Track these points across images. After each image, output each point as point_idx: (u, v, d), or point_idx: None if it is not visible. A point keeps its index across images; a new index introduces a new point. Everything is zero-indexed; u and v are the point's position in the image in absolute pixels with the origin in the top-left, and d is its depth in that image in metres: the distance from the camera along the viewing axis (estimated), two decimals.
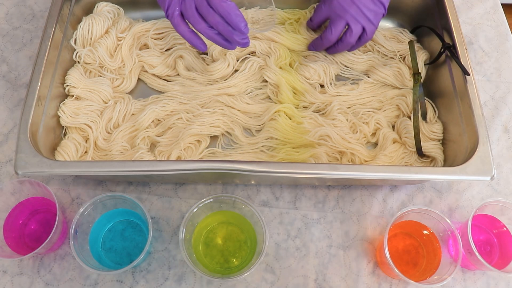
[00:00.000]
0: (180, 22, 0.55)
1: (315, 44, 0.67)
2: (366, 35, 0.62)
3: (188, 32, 0.56)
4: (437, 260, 0.54)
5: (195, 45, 0.57)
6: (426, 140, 0.62)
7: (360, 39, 0.63)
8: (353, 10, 0.60)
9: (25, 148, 0.52)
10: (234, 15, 0.51)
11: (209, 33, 0.54)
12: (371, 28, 0.62)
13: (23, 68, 0.69)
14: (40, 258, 0.57)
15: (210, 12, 0.52)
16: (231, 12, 0.51)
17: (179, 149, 0.60)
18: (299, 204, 0.61)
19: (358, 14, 0.60)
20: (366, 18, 0.61)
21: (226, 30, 0.52)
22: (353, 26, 0.61)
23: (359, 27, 0.61)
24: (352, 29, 0.61)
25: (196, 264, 0.51)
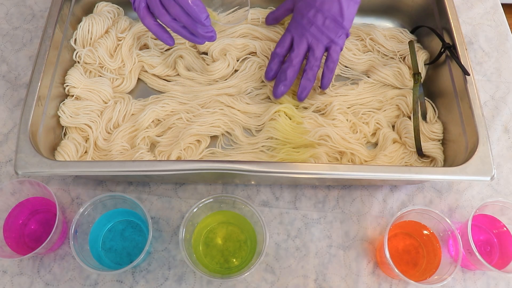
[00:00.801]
0: (146, 15, 0.55)
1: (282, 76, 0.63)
2: (330, 53, 0.61)
3: (154, 25, 0.55)
4: (437, 260, 0.54)
5: (161, 39, 0.56)
6: (426, 140, 0.62)
7: (327, 61, 0.62)
8: (312, 30, 0.60)
9: (25, 148, 0.52)
10: (194, 6, 0.50)
11: (173, 26, 0.53)
12: (335, 47, 0.61)
13: (23, 68, 0.69)
14: (40, 258, 0.57)
15: (171, 3, 0.51)
16: (190, 2, 0.50)
17: (179, 149, 0.60)
18: (299, 204, 0.61)
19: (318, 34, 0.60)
20: (327, 38, 0.60)
21: (188, 22, 0.52)
22: (315, 46, 0.60)
23: (321, 47, 0.61)
24: (313, 48, 0.61)
25: (196, 264, 0.51)
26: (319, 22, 0.60)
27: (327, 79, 0.63)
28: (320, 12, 0.59)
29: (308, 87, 0.62)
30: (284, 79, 0.62)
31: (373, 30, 0.69)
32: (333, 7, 0.59)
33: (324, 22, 0.60)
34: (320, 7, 0.59)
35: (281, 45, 0.63)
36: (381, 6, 0.71)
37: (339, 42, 0.61)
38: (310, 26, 0.60)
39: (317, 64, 0.61)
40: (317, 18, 0.60)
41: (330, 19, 0.59)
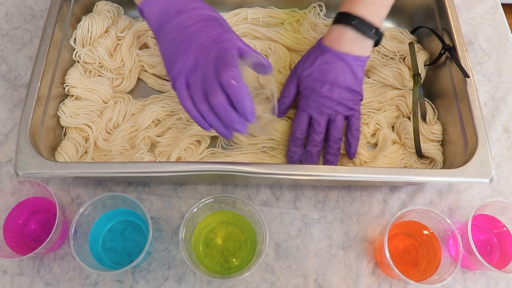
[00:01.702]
0: (187, 98, 0.49)
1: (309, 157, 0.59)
2: (351, 121, 0.59)
3: (195, 110, 0.49)
4: (437, 260, 0.54)
5: (200, 125, 0.50)
6: (426, 141, 0.62)
7: (351, 130, 0.60)
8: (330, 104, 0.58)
9: (25, 149, 0.52)
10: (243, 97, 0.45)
11: (210, 117, 0.48)
12: (355, 115, 0.59)
13: (23, 68, 0.69)
14: (40, 258, 0.57)
15: (217, 91, 0.46)
16: (241, 93, 0.45)
17: (179, 149, 0.60)
18: (299, 204, 0.61)
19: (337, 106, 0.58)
20: (346, 108, 0.58)
21: (228, 115, 0.46)
22: (336, 119, 0.58)
23: (342, 118, 0.59)
24: (335, 120, 0.58)
25: (196, 264, 0.51)
26: (336, 95, 0.57)
27: (354, 147, 0.60)
28: (335, 85, 0.57)
29: (335, 161, 0.60)
30: (312, 161, 0.59)
31: None
32: (347, 77, 0.57)
33: (341, 94, 0.58)
34: (334, 81, 0.57)
35: (299, 127, 0.59)
36: None
37: (358, 108, 0.60)
38: (327, 101, 0.58)
39: (340, 137, 0.59)
40: (334, 92, 0.57)
41: (347, 90, 0.58)
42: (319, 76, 0.58)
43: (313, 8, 0.71)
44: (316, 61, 0.58)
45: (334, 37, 0.58)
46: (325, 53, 0.58)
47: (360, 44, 0.57)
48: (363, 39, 0.57)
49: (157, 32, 0.51)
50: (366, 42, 0.58)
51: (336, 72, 0.57)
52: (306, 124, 0.60)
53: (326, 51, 0.58)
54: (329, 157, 0.59)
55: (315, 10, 0.71)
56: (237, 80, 0.45)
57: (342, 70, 0.57)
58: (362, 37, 0.57)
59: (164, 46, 0.51)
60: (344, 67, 0.57)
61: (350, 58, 0.57)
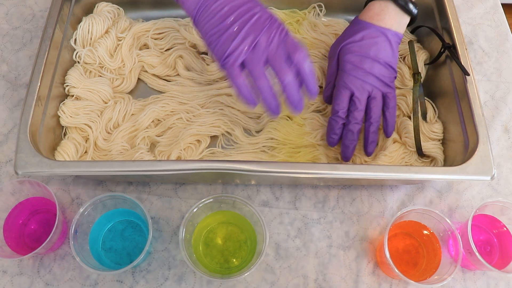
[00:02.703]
0: (239, 74, 0.49)
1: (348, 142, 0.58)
2: (389, 99, 0.59)
3: (247, 86, 0.50)
4: (437, 260, 0.54)
5: (248, 101, 0.50)
6: (426, 140, 0.62)
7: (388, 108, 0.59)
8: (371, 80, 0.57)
9: (25, 148, 0.52)
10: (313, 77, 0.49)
11: (268, 92, 0.49)
12: (392, 92, 0.59)
13: (23, 68, 0.69)
14: (40, 258, 0.57)
15: (288, 69, 0.48)
16: (313, 72, 0.49)
17: (179, 149, 0.60)
18: (299, 204, 0.61)
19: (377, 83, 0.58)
20: (384, 85, 0.58)
21: (295, 93, 0.49)
22: (377, 96, 0.58)
23: (381, 95, 0.58)
24: (375, 97, 0.58)
25: (196, 264, 0.51)
26: (376, 71, 0.57)
27: (392, 126, 0.60)
28: (376, 61, 0.57)
29: (375, 140, 0.59)
30: (354, 141, 0.58)
31: None
32: (387, 53, 0.58)
33: (380, 70, 0.57)
34: (375, 56, 0.57)
35: (341, 106, 0.58)
36: None
37: (393, 85, 0.60)
38: (368, 76, 0.57)
39: (379, 115, 0.59)
40: (374, 68, 0.57)
41: (385, 66, 0.58)
42: (361, 51, 0.57)
43: (313, 9, 0.71)
44: (356, 36, 0.58)
45: (375, 12, 0.58)
46: (366, 28, 0.58)
47: (399, 20, 0.58)
48: (402, 15, 0.58)
49: (198, 12, 0.50)
50: (404, 19, 0.59)
51: (377, 47, 0.57)
52: (347, 101, 0.58)
53: (367, 26, 0.58)
54: (370, 136, 0.59)
55: (315, 10, 0.71)
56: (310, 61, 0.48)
57: (383, 45, 0.57)
58: (402, 13, 0.58)
59: (210, 26, 0.50)
60: (385, 42, 0.57)
61: (391, 33, 0.58)
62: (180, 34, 0.67)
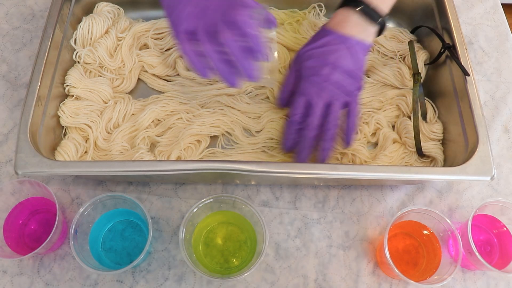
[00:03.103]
0: (186, 40, 0.48)
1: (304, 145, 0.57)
2: (350, 108, 0.58)
3: (193, 52, 0.49)
4: (437, 260, 0.54)
5: (197, 69, 0.50)
6: (426, 140, 0.62)
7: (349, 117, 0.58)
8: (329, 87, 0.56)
9: (25, 148, 0.52)
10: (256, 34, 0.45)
11: (215, 56, 0.48)
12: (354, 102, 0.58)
13: (23, 68, 0.69)
14: (40, 258, 0.57)
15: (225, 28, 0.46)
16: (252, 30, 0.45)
17: (179, 149, 0.60)
18: (299, 204, 0.61)
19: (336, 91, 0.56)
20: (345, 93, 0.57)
21: (238, 52, 0.47)
22: (334, 104, 0.57)
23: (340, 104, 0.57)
24: (333, 104, 0.56)
25: (196, 264, 0.51)
26: (335, 79, 0.56)
27: (350, 135, 0.59)
28: (335, 68, 0.55)
29: (331, 148, 0.58)
30: (309, 147, 0.57)
31: None
32: (348, 61, 0.56)
33: (340, 78, 0.56)
34: (335, 64, 0.55)
35: (296, 111, 0.57)
36: None
37: (356, 95, 0.58)
38: (326, 84, 0.56)
39: (336, 123, 0.57)
40: (333, 75, 0.55)
41: (347, 74, 0.56)
42: (320, 57, 0.56)
43: (313, 9, 0.71)
44: (317, 43, 0.57)
45: (338, 20, 0.57)
46: (327, 35, 0.57)
47: (363, 30, 0.56)
48: (367, 24, 0.56)
49: None
50: (370, 29, 0.56)
51: (337, 54, 0.56)
52: (303, 108, 0.57)
53: (328, 33, 0.57)
54: (324, 144, 0.57)
55: (315, 10, 0.71)
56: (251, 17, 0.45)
57: (343, 52, 0.56)
58: (366, 22, 0.56)
59: None
60: (345, 50, 0.56)
61: (352, 41, 0.56)
62: None
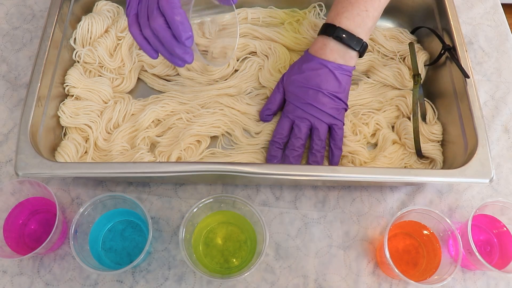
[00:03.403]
0: (134, 23, 0.49)
1: None
2: (335, 130, 0.60)
3: (139, 35, 0.49)
4: (437, 260, 0.54)
5: (145, 51, 0.51)
6: (426, 141, 0.62)
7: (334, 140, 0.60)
8: (313, 111, 0.59)
9: (25, 149, 0.52)
10: (180, 22, 0.45)
11: (153, 41, 0.48)
12: (338, 124, 0.60)
13: (23, 68, 0.69)
14: (40, 258, 0.57)
15: (156, 14, 0.46)
16: (176, 17, 0.45)
17: (179, 149, 0.60)
18: (299, 204, 0.61)
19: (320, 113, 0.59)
20: (329, 116, 0.59)
21: (167, 38, 0.47)
22: (318, 126, 0.59)
23: (325, 126, 0.59)
24: (317, 127, 0.59)
25: (196, 264, 0.51)
26: (319, 102, 0.58)
27: (337, 157, 0.60)
28: (318, 92, 0.58)
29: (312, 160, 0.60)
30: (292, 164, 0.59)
31: (373, 30, 0.69)
32: (330, 84, 0.58)
33: (324, 100, 0.58)
34: (318, 87, 0.58)
35: (280, 132, 0.60)
36: None
37: (341, 118, 0.60)
38: (309, 107, 0.59)
39: (323, 146, 0.60)
40: (317, 99, 0.58)
41: (330, 96, 0.58)
42: (303, 82, 0.59)
43: (313, 8, 0.71)
44: (300, 68, 0.60)
45: (318, 46, 0.60)
46: (310, 61, 0.59)
47: (343, 55, 0.59)
48: (345, 50, 0.58)
49: None
50: (349, 53, 0.59)
51: (319, 78, 0.58)
52: (287, 129, 0.60)
53: (311, 59, 0.60)
54: (311, 164, 0.59)
55: (315, 10, 0.71)
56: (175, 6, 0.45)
57: (325, 76, 0.58)
58: (344, 48, 0.58)
59: None
60: (327, 74, 0.58)
61: (332, 65, 0.58)
62: None
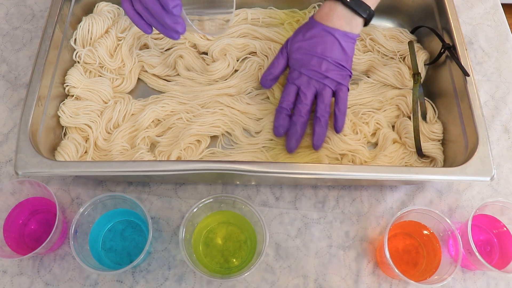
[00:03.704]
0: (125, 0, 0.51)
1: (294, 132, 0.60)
2: (339, 95, 0.60)
3: (132, 9, 0.51)
4: (437, 260, 0.54)
5: (138, 26, 0.52)
6: (426, 140, 0.62)
7: (338, 104, 0.60)
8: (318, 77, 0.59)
9: (25, 148, 0.52)
10: None
11: (145, 14, 0.50)
12: (343, 89, 0.60)
13: (23, 68, 0.69)
14: (40, 258, 0.57)
15: None
16: None
17: (179, 149, 0.60)
18: (299, 204, 0.61)
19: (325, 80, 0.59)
20: (334, 82, 0.59)
21: (155, 9, 0.48)
22: (323, 92, 0.59)
23: (329, 92, 0.60)
24: (322, 93, 0.59)
25: (196, 264, 0.51)
26: (324, 68, 0.58)
27: (341, 122, 0.60)
28: (323, 59, 0.58)
29: (323, 134, 0.60)
30: (296, 133, 0.59)
31: (373, 30, 0.69)
32: (335, 52, 0.58)
33: (328, 68, 0.59)
34: (322, 54, 0.58)
35: (286, 99, 0.60)
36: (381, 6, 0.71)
37: (346, 83, 0.60)
38: (315, 74, 0.59)
39: (328, 110, 0.60)
40: (322, 66, 0.58)
41: (335, 64, 0.59)
42: (308, 49, 0.59)
43: (313, 9, 0.71)
44: (305, 35, 0.60)
45: (324, 12, 0.59)
46: (315, 27, 0.59)
47: (349, 21, 0.59)
48: (352, 16, 0.58)
49: None
50: (355, 20, 0.59)
51: (324, 46, 0.58)
52: (293, 96, 0.60)
53: (315, 25, 0.59)
54: (318, 130, 0.60)
55: (315, 10, 0.71)
56: None
57: (330, 44, 0.58)
58: (352, 14, 0.58)
59: None
60: (332, 41, 0.58)
61: (338, 33, 0.58)
62: None
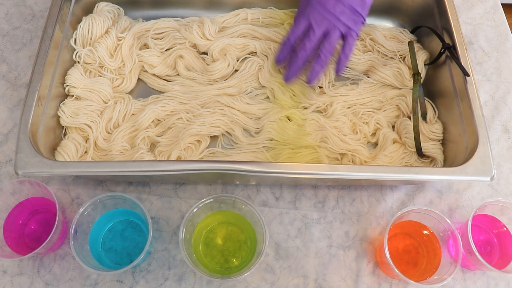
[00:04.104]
0: None
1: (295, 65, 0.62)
2: (347, 39, 0.61)
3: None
4: (437, 260, 0.54)
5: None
6: (426, 140, 0.62)
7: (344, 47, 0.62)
8: (331, 18, 0.60)
9: (25, 148, 0.52)
10: None
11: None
12: (352, 34, 0.61)
13: (23, 68, 0.69)
14: (40, 258, 0.57)
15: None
16: None
17: (179, 149, 0.60)
18: (299, 204, 0.61)
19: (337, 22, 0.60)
20: (345, 26, 0.60)
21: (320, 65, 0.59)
22: (332, 32, 0.60)
23: (338, 34, 0.61)
24: (330, 34, 0.60)
25: (196, 264, 0.51)
26: (339, 11, 0.60)
27: (342, 64, 0.62)
28: (340, 2, 0.59)
29: (319, 71, 0.62)
30: (297, 65, 0.62)
31: (373, 30, 0.69)
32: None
33: (343, 11, 0.59)
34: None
35: (295, 31, 0.62)
36: (381, 6, 0.71)
37: (357, 30, 0.61)
38: (329, 14, 0.60)
39: (331, 51, 0.61)
40: (337, 8, 0.60)
41: (350, 9, 0.60)
42: None
43: None
44: None
45: None
46: None
47: None
48: None
49: None
50: None
51: None
52: (302, 31, 0.62)
53: None
54: (315, 66, 0.61)
55: None
56: None
57: None
58: None
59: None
60: None
61: None
62: (180, 34, 0.67)
